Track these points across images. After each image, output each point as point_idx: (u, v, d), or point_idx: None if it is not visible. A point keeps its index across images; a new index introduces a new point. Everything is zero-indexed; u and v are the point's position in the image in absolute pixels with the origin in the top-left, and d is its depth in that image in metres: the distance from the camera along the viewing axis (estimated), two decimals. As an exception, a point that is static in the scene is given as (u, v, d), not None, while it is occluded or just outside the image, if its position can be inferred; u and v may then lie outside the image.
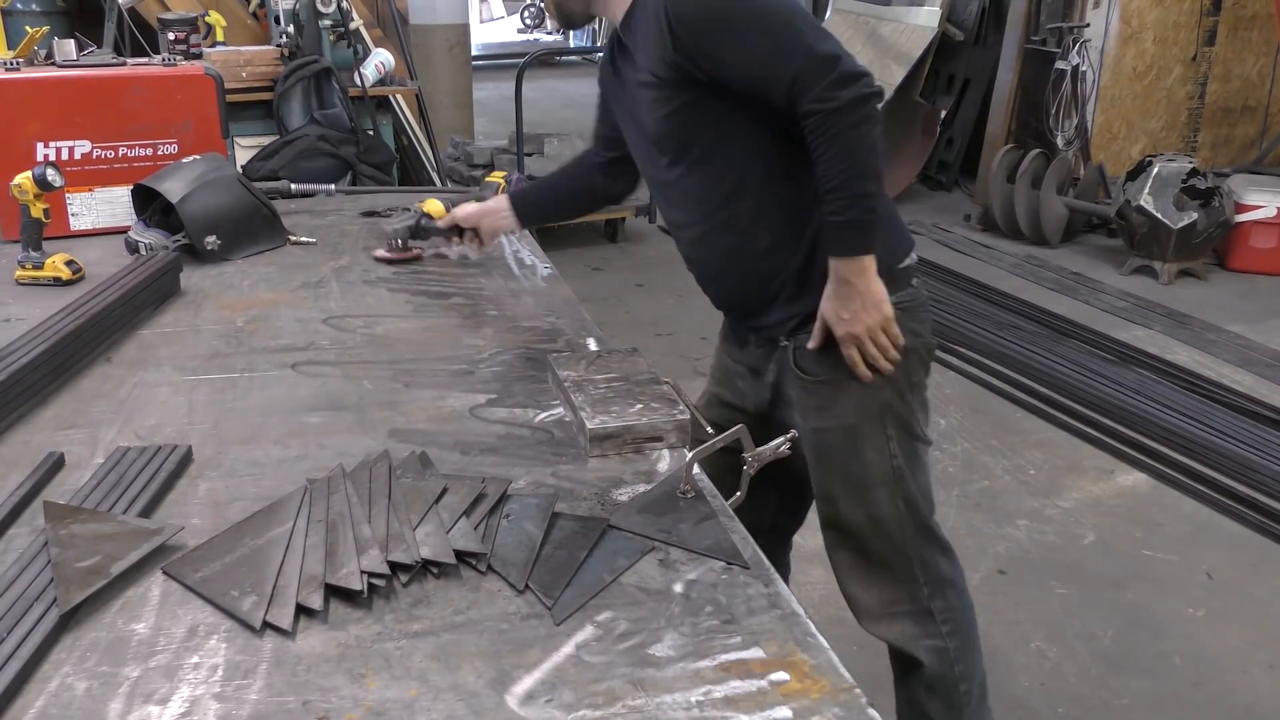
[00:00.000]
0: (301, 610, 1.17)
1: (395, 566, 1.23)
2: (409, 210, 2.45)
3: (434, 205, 2.46)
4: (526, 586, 1.21)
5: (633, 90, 1.82)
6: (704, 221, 1.87)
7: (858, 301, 1.72)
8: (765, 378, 1.96)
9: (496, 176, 2.71)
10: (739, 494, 1.45)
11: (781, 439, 1.44)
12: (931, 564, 1.91)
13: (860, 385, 1.80)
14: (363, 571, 1.21)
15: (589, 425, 1.54)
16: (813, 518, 2.02)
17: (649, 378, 1.70)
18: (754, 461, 1.43)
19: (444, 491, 1.37)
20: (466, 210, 2.32)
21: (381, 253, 2.45)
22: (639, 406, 1.60)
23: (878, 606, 1.93)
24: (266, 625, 1.15)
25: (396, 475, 1.42)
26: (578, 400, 1.61)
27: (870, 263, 1.71)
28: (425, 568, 1.24)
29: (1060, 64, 6.65)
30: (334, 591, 1.20)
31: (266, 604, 1.17)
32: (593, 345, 1.97)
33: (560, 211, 2.48)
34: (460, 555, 1.26)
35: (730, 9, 1.64)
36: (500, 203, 2.28)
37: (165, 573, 1.25)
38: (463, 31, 7.76)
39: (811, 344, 1.80)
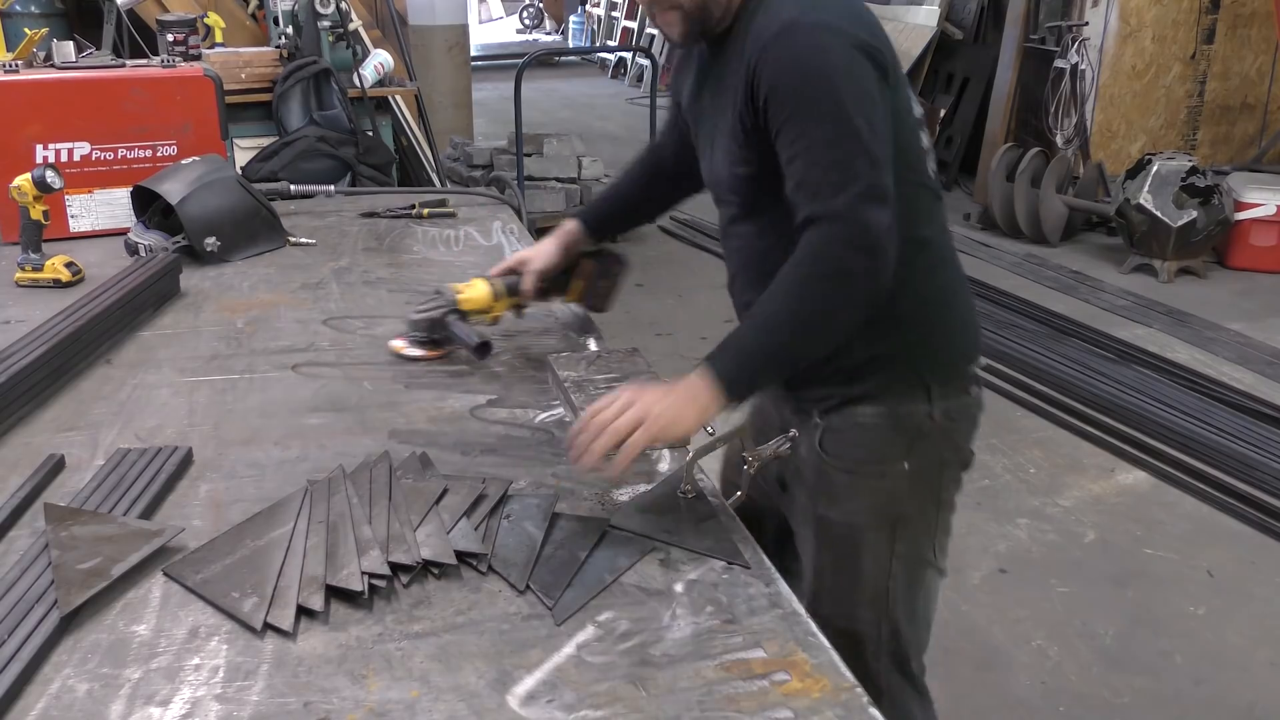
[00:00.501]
0: (302, 611, 1.17)
1: (396, 567, 1.23)
2: (440, 294, 1.89)
3: (477, 291, 1.87)
4: (528, 587, 1.21)
5: (713, 120, 1.59)
6: (757, 286, 1.50)
7: (658, 404, 1.36)
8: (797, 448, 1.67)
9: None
10: (740, 494, 1.45)
11: (781, 438, 1.44)
12: (902, 706, 1.68)
13: (882, 487, 1.57)
14: (363, 572, 1.21)
15: (589, 425, 1.53)
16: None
17: (649, 378, 1.70)
18: (754, 461, 1.43)
19: (444, 492, 1.37)
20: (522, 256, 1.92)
21: (399, 345, 1.93)
22: (639, 406, 1.59)
23: None
24: (268, 626, 1.15)
25: (397, 476, 1.42)
26: (578, 400, 1.61)
27: (707, 400, 1.37)
28: (426, 568, 1.24)
29: (1059, 62, 6.65)
30: (334, 592, 1.20)
31: (268, 605, 1.17)
32: (593, 345, 1.97)
33: (638, 219, 2.07)
34: (461, 556, 1.26)
35: (809, 100, 1.38)
36: (567, 227, 1.93)
37: (166, 574, 1.25)
38: (462, 32, 7.75)
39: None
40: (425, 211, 2.85)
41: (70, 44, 2.73)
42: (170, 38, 4.45)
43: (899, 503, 1.59)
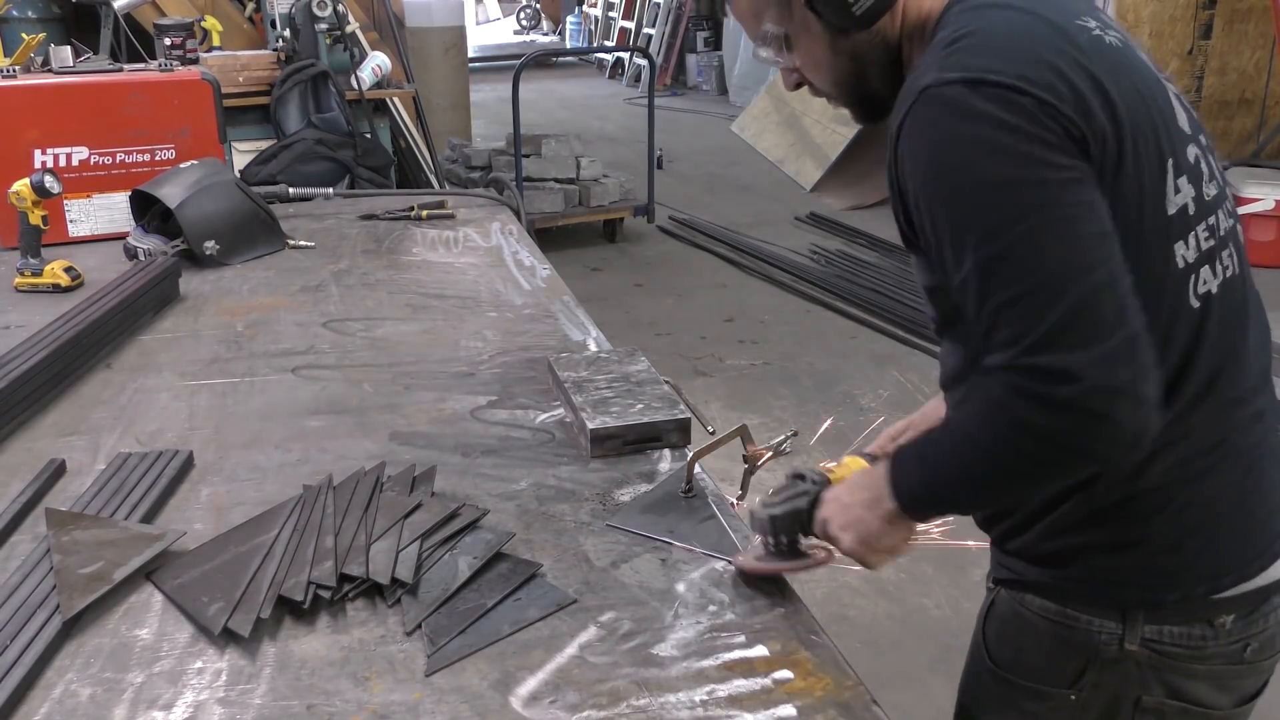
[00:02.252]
0: (298, 614, 1.17)
1: (345, 579, 1.21)
2: (803, 478, 1.26)
3: (854, 466, 1.29)
4: (418, 627, 1.16)
5: None
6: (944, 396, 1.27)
7: (845, 514, 1.16)
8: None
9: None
10: (741, 494, 1.45)
11: (782, 437, 1.44)
12: None
13: (1037, 713, 1.21)
14: (310, 583, 1.20)
15: (590, 426, 1.54)
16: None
17: (649, 378, 1.70)
18: (755, 461, 1.43)
19: (416, 508, 1.34)
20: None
21: (749, 559, 1.26)
22: (639, 406, 1.60)
23: None
24: (227, 632, 1.14)
25: (385, 486, 1.41)
26: (578, 401, 1.61)
27: (887, 505, 1.12)
28: (375, 585, 1.22)
29: (1057, 59, 6.65)
30: (343, 597, 1.20)
31: (231, 611, 1.16)
32: (593, 346, 1.97)
33: None
34: (396, 580, 1.22)
35: (951, 217, 1.01)
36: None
37: (148, 579, 1.25)
38: (459, 34, 7.75)
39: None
40: (424, 213, 2.85)
41: (68, 49, 2.73)
42: (168, 41, 4.46)
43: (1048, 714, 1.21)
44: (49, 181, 2.27)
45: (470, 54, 8.41)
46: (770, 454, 1.43)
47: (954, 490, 1.09)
